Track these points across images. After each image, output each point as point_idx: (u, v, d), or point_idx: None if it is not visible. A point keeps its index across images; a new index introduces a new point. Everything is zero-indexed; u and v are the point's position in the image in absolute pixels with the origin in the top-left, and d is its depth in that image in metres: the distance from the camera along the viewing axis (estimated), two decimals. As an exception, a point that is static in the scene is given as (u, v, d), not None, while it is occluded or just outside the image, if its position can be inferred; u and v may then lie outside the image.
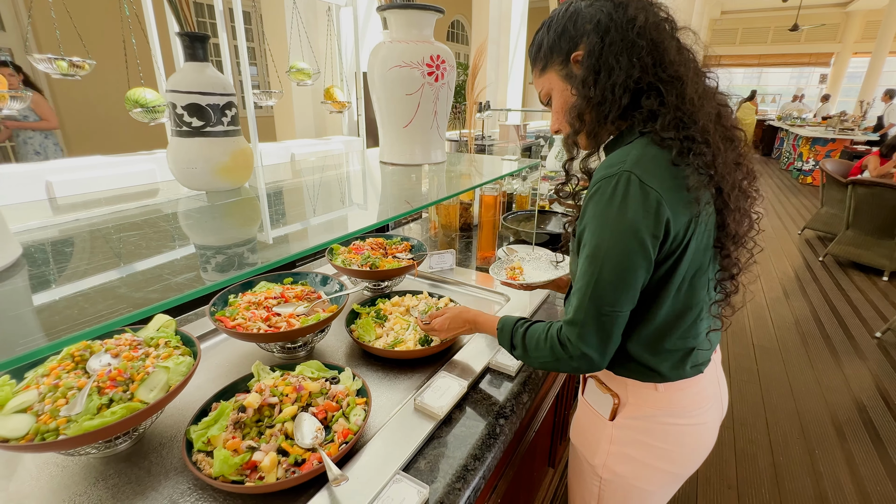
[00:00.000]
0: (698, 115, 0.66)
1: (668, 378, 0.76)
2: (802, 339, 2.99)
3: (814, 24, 11.38)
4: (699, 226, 0.67)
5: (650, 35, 0.67)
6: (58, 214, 0.92)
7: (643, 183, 0.63)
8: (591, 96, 0.70)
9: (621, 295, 0.67)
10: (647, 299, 0.71)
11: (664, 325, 0.73)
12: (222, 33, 2.20)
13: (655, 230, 0.64)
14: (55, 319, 0.43)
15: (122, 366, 0.75)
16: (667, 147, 0.65)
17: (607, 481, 0.87)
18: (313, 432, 0.74)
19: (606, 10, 0.69)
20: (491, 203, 1.52)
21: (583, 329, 0.69)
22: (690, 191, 0.64)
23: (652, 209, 0.63)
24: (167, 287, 0.45)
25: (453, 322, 0.97)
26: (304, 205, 1.07)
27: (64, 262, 0.61)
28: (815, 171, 7.65)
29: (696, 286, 0.71)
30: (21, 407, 0.67)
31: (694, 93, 0.67)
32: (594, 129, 0.74)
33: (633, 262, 0.65)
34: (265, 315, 0.99)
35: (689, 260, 0.68)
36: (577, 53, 0.72)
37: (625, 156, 0.67)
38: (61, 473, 0.72)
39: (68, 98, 4.65)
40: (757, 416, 2.28)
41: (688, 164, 0.64)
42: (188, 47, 0.77)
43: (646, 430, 0.81)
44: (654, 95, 0.68)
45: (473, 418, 0.86)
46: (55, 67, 1.90)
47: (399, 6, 1.03)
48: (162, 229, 0.80)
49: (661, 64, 0.67)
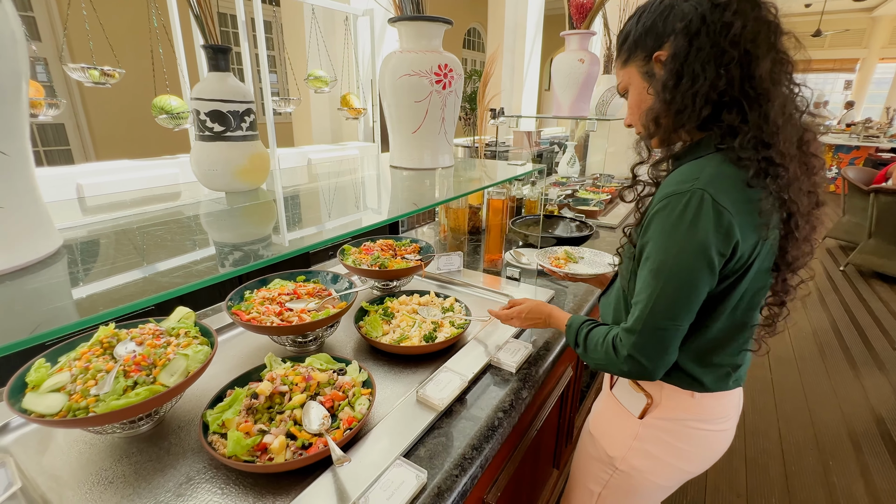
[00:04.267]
0: (779, 136, 0.63)
1: (709, 389, 0.78)
2: (820, 350, 2.93)
3: (838, 30, 11.14)
4: (764, 248, 0.66)
5: (745, 45, 0.62)
6: (90, 214, 0.99)
7: (716, 202, 0.62)
8: (670, 101, 0.67)
9: (681, 311, 0.68)
10: (705, 313, 0.71)
11: (718, 339, 0.74)
12: (244, 43, 2.30)
13: (723, 250, 0.63)
14: (93, 298, 0.48)
15: (146, 352, 0.80)
16: (743, 167, 0.63)
17: (622, 472, 0.90)
18: (320, 419, 0.79)
19: (701, 10, 0.64)
20: (499, 207, 1.56)
21: (639, 338, 0.70)
22: (762, 215, 0.63)
23: (723, 230, 0.62)
24: (190, 274, 0.50)
25: (531, 313, 1.01)
26: (316, 205, 1.12)
27: (98, 253, 0.67)
28: (837, 179, 7.48)
29: (753, 306, 0.72)
30: (55, 387, 0.74)
31: (780, 113, 0.63)
32: (668, 135, 0.72)
33: (698, 280, 0.65)
34: (278, 310, 1.04)
35: (751, 280, 0.68)
36: (661, 53, 0.69)
37: (698, 172, 0.65)
38: (89, 450, 0.78)
39: (99, 104, 4.86)
40: (770, 425, 2.25)
41: (763, 186, 0.63)
42: (211, 58, 0.84)
43: (672, 431, 0.83)
44: (736, 110, 0.64)
45: (473, 411, 0.89)
46: (88, 76, 2.02)
47: (409, 18, 1.08)
48: (186, 227, 0.86)
49: (751, 78, 0.63)
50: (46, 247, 0.53)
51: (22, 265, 0.49)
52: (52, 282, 0.50)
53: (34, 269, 0.50)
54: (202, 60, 1.68)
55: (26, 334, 0.39)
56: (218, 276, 0.54)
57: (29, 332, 0.39)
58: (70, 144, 4.96)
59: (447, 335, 1.09)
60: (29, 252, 0.50)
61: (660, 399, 0.82)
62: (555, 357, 1.12)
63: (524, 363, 1.05)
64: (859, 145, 7.13)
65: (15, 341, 0.38)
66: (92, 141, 5.03)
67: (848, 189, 4.50)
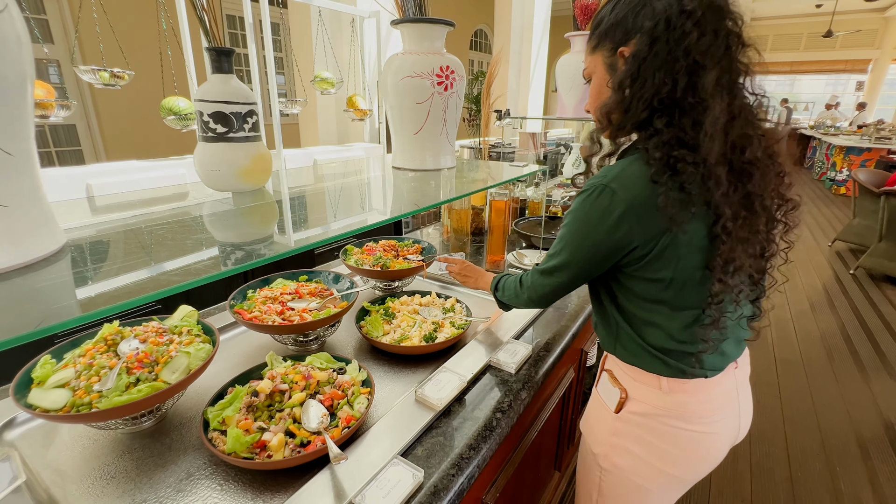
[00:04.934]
0: (709, 143, 0.64)
1: (671, 372, 0.79)
2: (828, 354, 2.90)
3: (849, 30, 11.01)
4: (679, 241, 0.69)
5: (696, 56, 0.63)
6: (97, 214, 1.01)
7: (615, 194, 0.69)
8: (621, 100, 0.70)
9: (572, 273, 0.80)
10: (637, 296, 0.77)
11: (656, 323, 0.77)
12: (252, 45, 2.33)
13: (613, 235, 0.70)
14: (95, 295, 0.49)
15: (149, 349, 0.82)
16: (650, 165, 0.67)
17: (607, 472, 0.90)
18: (319, 417, 0.80)
19: (670, 13, 0.64)
20: (501, 208, 1.56)
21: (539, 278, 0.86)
22: (660, 209, 0.66)
23: (615, 217, 0.69)
24: (188, 272, 0.51)
25: (466, 269, 1.20)
26: (319, 205, 1.13)
27: (102, 251, 0.68)
28: (848, 182, 7.38)
29: (685, 295, 0.73)
30: (60, 382, 0.75)
31: (712, 122, 0.64)
32: (616, 132, 0.75)
33: (587, 254, 0.75)
34: (280, 309, 1.05)
35: (673, 269, 0.71)
36: (625, 49, 0.70)
37: (614, 169, 0.71)
38: (93, 445, 0.80)
39: (109, 106, 4.93)
40: (776, 429, 2.23)
41: (664, 183, 0.66)
42: (215, 60, 0.85)
43: (649, 428, 0.83)
44: (666, 115, 0.67)
45: (471, 411, 0.89)
46: (98, 78, 2.05)
47: (411, 20, 1.09)
48: (189, 226, 0.88)
49: (694, 88, 0.65)
50: (50, 245, 0.55)
51: (26, 262, 0.51)
52: (55, 279, 0.51)
53: (38, 266, 0.51)
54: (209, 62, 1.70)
55: (31, 328, 0.40)
56: (216, 273, 0.55)
57: (33, 326, 0.40)
58: (81, 145, 5.03)
59: (447, 335, 1.09)
60: (33, 249, 0.52)
61: (633, 393, 0.84)
62: (555, 358, 1.12)
63: (524, 364, 1.05)
64: (871, 147, 7.03)
65: (18, 335, 0.39)
66: (102, 141, 5.10)
67: (859, 191, 4.44)
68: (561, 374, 1.33)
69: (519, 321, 1.22)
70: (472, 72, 8.88)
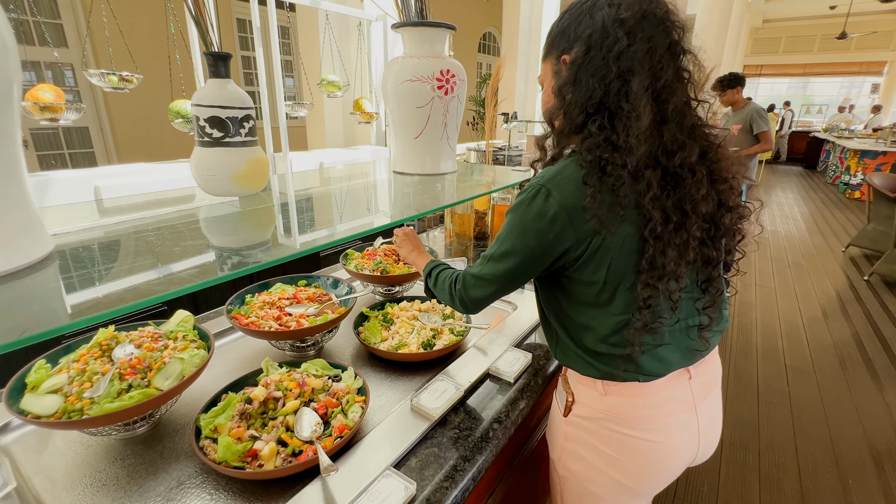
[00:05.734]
0: (636, 145, 0.65)
1: (603, 375, 0.78)
2: (841, 362, 2.83)
3: (864, 32, 10.83)
4: (607, 243, 0.69)
5: (626, 63, 0.66)
6: (92, 218, 1.01)
7: (550, 195, 0.69)
8: (559, 105, 0.73)
9: (506, 275, 0.77)
10: (571, 297, 0.77)
11: (589, 324, 0.77)
12: (259, 48, 2.34)
13: (547, 235, 0.70)
14: (79, 303, 0.48)
15: (142, 355, 0.81)
16: (582, 167, 0.69)
17: (563, 478, 0.91)
18: (312, 426, 0.79)
19: (605, 23, 0.67)
20: (503, 212, 1.54)
21: (472, 280, 0.82)
22: (586, 210, 0.67)
23: (548, 219, 0.69)
24: (171, 281, 0.50)
25: (408, 237, 1.13)
26: (323, 209, 1.13)
27: (91, 257, 0.68)
28: (862, 186, 7.25)
29: (617, 298, 0.73)
30: (52, 388, 0.75)
31: (639, 127, 0.65)
32: (557, 137, 0.77)
33: (521, 255, 0.74)
34: (277, 314, 1.04)
35: (603, 271, 0.71)
36: (567, 57, 0.73)
37: (552, 171, 0.72)
38: (85, 451, 0.79)
39: (120, 109, 4.99)
40: (786, 439, 2.18)
41: (593, 185, 0.67)
42: (211, 65, 0.85)
43: (593, 432, 0.83)
44: (599, 119, 0.69)
45: (468, 421, 0.88)
46: (107, 82, 2.07)
47: (411, 24, 1.08)
48: (190, 230, 0.87)
49: (627, 94, 0.66)
50: (37, 251, 0.54)
51: (10, 270, 0.50)
52: (40, 286, 0.51)
53: (23, 273, 0.51)
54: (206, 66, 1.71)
55: (13, 337, 0.39)
56: (212, 279, 0.54)
57: (16, 335, 0.40)
58: (94, 147, 5.10)
59: (446, 342, 1.08)
60: (18, 256, 0.51)
61: (577, 395, 0.84)
62: (556, 366, 1.09)
63: (523, 372, 1.03)
64: (886, 150, 6.90)
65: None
66: (114, 144, 5.17)
67: (874, 196, 4.35)
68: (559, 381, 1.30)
69: (520, 328, 1.20)
70: (480, 74, 8.87)
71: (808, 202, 7.39)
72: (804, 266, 4.49)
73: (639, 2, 0.66)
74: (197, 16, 0.80)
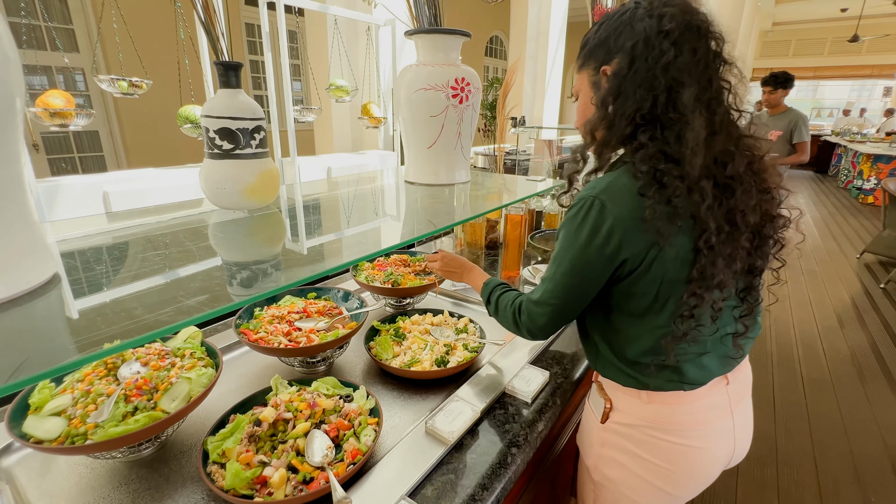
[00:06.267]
0: (691, 157, 0.65)
1: (646, 386, 0.78)
2: (859, 373, 2.76)
3: (876, 35, 10.70)
4: (664, 254, 0.68)
5: (675, 73, 0.66)
6: (92, 236, 0.99)
7: (604, 208, 0.68)
8: (604, 116, 0.72)
9: (568, 295, 0.75)
10: (622, 310, 0.76)
11: (634, 335, 0.76)
12: (268, 53, 2.32)
13: (606, 250, 0.69)
14: (78, 338, 0.45)
15: (149, 375, 0.78)
16: (638, 178, 0.68)
17: (599, 485, 0.91)
18: (323, 450, 0.75)
19: (649, 33, 0.67)
20: (516, 221, 1.51)
21: (536, 308, 0.79)
22: (646, 222, 0.66)
23: (605, 232, 0.68)
24: (179, 311, 0.47)
25: (451, 262, 1.11)
26: (332, 224, 1.10)
27: (95, 281, 0.65)
28: (876, 191, 7.13)
29: (665, 308, 0.73)
30: (56, 410, 0.72)
31: (695, 138, 0.65)
32: (601, 148, 0.76)
33: (582, 271, 0.72)
34: (287, 329, 1.01)
35: (657, 283, 0.71)
36: (607, 67, 0.73)
37: (603, 182, 0.71)
38: (89, 475, 0.76)
39: (130, 113, 5.02)
40: (804, 454, 2.12)
41: (651, 196, 0.66)
42: (222, 75, 0.82)
43: (634, 439, 0.83)
44: (650, 130, 0.69)
45: (485, 445, 0.84)
46: (117, 87, 2.07)
47: (425, 31, 1.05)
48: (201, 248, 0.85)
49: (675, 104, 0.67)
50: (38, 275, 0.51)
51: (10, 297, 0.47)
52: (38, 317, 0.48)
53: (23, 300, 0.48)
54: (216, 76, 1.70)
55: (2, 381, 0.36)
56: (225, 307, 0.51)
57: (5, 379, 0.37)
58: (103, 151, 5.13)
59: (460, 359, 1.04)
60: (19, 282, 0.48)
61: (617, 403, 0.84)
62: (574, 384, 1.06)
63: (540, 392, 0.99)
64: (900, 155, 6.79)
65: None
66: (124, 148, 5.19)
67: (889, 201, 4.27)
68: (578, 399, 1.26)
69: (536, 344, 1.16)
70: (487, 78, 8.85)
71: (819, 207, 7.28)
72: (818, 273, 4.40)
73: (681, 13, 0.66)
74: (207, 24, 0.78)
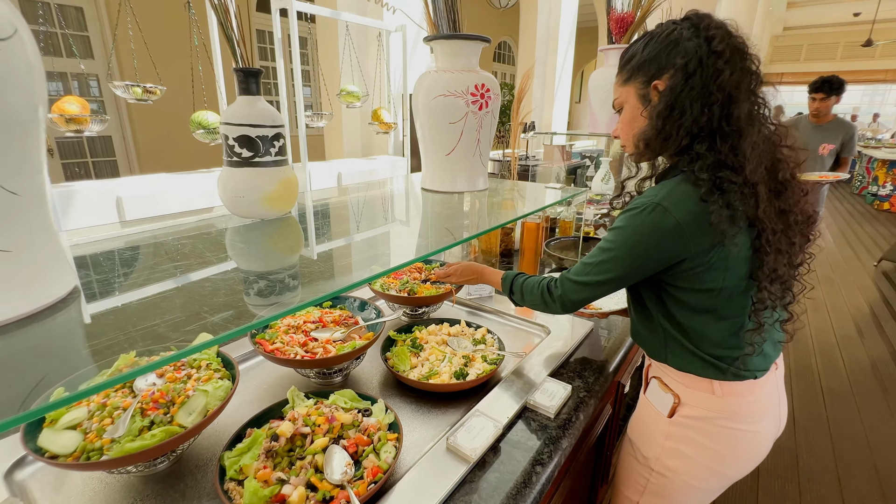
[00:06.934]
0: (747, 166, 0.72)
1: (722, 376, 0.83)
2: (880, 384, 2.69)
3: (891, 39, 10.57)
4: (728, 253, 0.75)
5: (729, 90, 0.72)
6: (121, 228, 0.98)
7: (667, 211, 0.74)
8: (661, 129, 0.77)
9: (610, 282, 0.82)
10: (687, 305, 0.81)
11: (707, 329, 0.82)
12: (280, 59, 2.33)
13: (663, 249, 0.75)
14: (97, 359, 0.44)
15: (165, 388, 0.77)
16: (699, 185, 0.73)
17: (658, 474, 0.94)
18: (343, 467, 0.73)
19: (700, 53, 0.72)
20: (533, 229, 1.48)
21: (577, 286, 0.86)
22: (713, 225, 0.72)
23: (670, 230, 0.73)
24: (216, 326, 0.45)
25: (466, 270, 1.14)
26: (347, 233, 1.08)
27: (114, 294, 0.63)
28: (892, 197, 7.01)
29: (732, 304, 0.79)
30: (72, 423, 0.71)
31: (749, 147, 0.72)
32: (654, 157, 0.83)
33: (630, 265, 0.79)
34: (303, 340, 0.99)
35: (722, 279, 0.77)
36: (659, 83, 0.77)
37: (663, 189, 0.76)
38: (104, 490, 0.75)
39: (143, 119, 5.06)
40: (826, 469, 2.05)
41: (714, 201, 0.72)
42: (242, 82, 0.81)
43: (702, 430, 0.87)
44: (707, 141, 0.74)
45: (508, 463, 0.81)
46: (131, 93, 2.08)
47: (445, 36, 1.03)
48: (219, 257, 0.83)
49: (728, 117, 0.73)
50: (58, 290, 0.50)
51: (30, 312, 0.46)
52: (56, 335, 0.46)
53: (43, 315, 0.47)
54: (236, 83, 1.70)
55: (12, 413, 0.35)
56: (244, 327, 0.49)
57: (15, 409, 0.35)
58: (116, 156, 5.18)
59: (479, 371, 1.02)
60: (39, 297, 0.47)
61: (686, 398, 0.88)
62: (598, 398, 1.03)
63: (563, 406, 0.96)
64: (917, 161, 6.67)
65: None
66: (136, 153, 5.24)
67: (908, 208, 4.18)
68: (598, 412, 1.23)
69: (555, 356, 1.13)
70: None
71: (834, 213, 7.16)
72: (835, 280, 4.32)
73: (727, 36, 0.73)
74: (229, 31, 0.77)
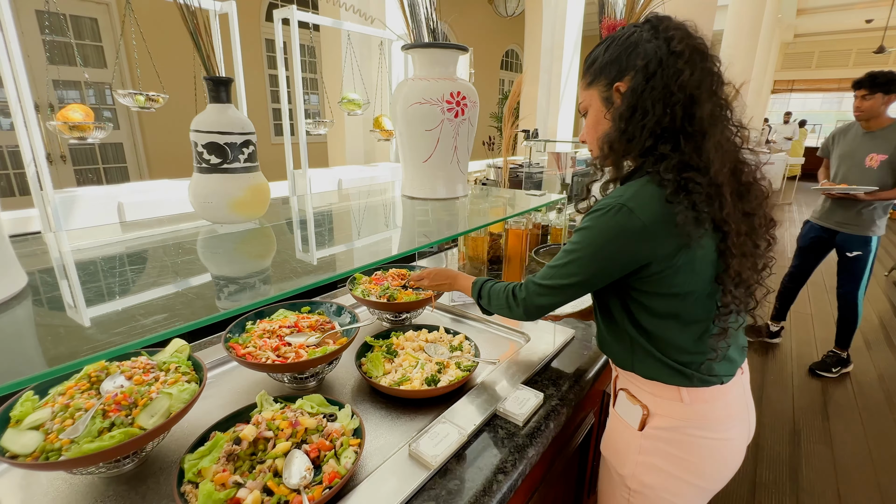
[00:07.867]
0: (711, 166, 0.71)
1: (689, 383, 0.82)
2: (887, 398, 2.62)
3: (905, 46, 10.39)
4: (694, 256, 0.74)
5: (690, 90, 0.72)
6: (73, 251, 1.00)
7: (633, 212, 0.72)
8: (623, 130, 0.76)
9: (575, 285, 0.81)
10: (653, 311, 0.80)
11: (672, 334, 0.81)
12: (281, 67, 2.37)
13: (629, 251, 0.74)
14: (43, 352, 0.45)
15: (129, 390, 0.78)
16: (664, 186, 0.72)
17: (636, 492, 0.91)
18: (302, 472, 0.73)
19: (660, 54, 0.72)
20: (518, 235, 1.48)
21: (542, 289, 0.85)
22: (678, 226, 0.70)
23: (635, 232, 0.72)
24: (133, 330, 0.46)
25: (438, 276, 1.13)
26: (326, 236, 1.09)
27: (70, 292, 0.65)
28: (907, 205, 6.85)
29: (697, 308, 0.78)
30: (35, 424, 0.72)
31: (712, 147, 0.72)
32: (618, 160, 0.81)
33: (596, 268, 0.77)
34: (276, 344, 1.00)
35: (688, 283, 0.76)
36: (621, 84, 0.77)
37: (627, 190, 0.75)
38: (67, 489, 0.76)
39: (152, 126, 5.17)
40: (827, 485, 2.00)
41: (679, 202, 0.71)
42: (212, 90, 0.83)
43: (673, 441, 0.85)
44: (671, 142, 0.73)
45: (470, 471, 0.80)
46: (134, 101, 2.13)
47: (420, 45, 1.05)
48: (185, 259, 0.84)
49: (691, 118, 0.73)
50: (7, 288, 0.51)
51: (-28, 312, 0.47)
52: (5, 330, 0.47)
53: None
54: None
55: None
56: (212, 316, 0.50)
57: None
58: (126, 162, 5.29)
59: (451, 378, 1.01)
60: (-17, 297, 0.48)
61: (655, 408, 0.86)
62: (572, 406, 1.02)
63: (533, 414, 0.95)
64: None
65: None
66: (146, 159, 5.34)
67: (919, 218, 4.08)
68: (579, 421, 1.22)
69: (532, 363, 1.12)
70: (503, 91, 8.89)
71: (846, 222, 7.02)
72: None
73: (687, 37, 0.73)
74: (197, 40, 0.79)
